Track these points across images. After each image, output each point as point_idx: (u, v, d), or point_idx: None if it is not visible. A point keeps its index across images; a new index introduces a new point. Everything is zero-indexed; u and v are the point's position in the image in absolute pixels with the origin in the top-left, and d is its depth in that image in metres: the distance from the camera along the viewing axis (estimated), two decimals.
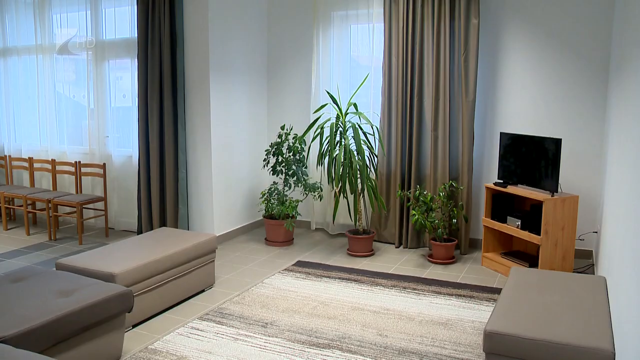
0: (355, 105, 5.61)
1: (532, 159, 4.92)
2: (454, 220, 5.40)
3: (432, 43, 5.53)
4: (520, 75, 5.46)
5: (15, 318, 2.87)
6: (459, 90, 5.49)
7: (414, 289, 4.62)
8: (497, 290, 4.54)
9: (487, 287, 4.64)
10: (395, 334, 3.76)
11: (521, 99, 5.48)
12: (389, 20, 5.72)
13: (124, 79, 6.77)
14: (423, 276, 4.96)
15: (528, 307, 3.06)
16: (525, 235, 4.81)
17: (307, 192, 6.03)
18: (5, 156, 7.38)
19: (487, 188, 5.24)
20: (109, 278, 3.67)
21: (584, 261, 5.29)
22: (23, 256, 5.66)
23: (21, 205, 6.76)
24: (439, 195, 5.41)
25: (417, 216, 5.31)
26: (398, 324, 3.94)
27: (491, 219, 5.21)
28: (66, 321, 2.99)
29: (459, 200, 5.54)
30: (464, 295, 4.45)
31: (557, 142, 4.66)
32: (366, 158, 5.61)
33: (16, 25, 7.29)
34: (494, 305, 4.15)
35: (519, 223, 4.91)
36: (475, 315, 4.07)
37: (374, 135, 5.79)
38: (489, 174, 5.66)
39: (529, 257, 5.06)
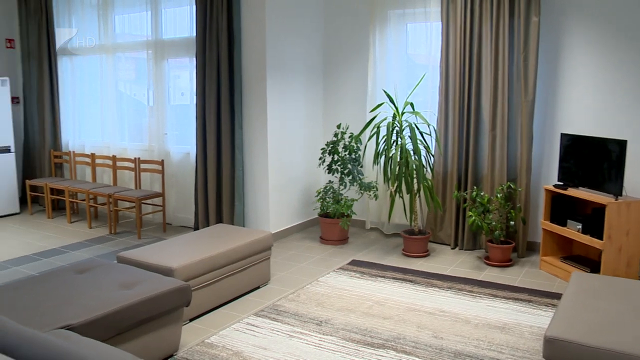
0: (412, 105, 5.57)
1: (595, 161, 4.78)
2: (512, 223, 5.30)
3: (490, 42, 5.44)
4: (583, 75, 5.30)
5: (81, 307, 2.97)
6: (517, 90, 5.38)
7: (470, 291, 4.56)
8: (557, 295, 4.43)
9: (546, 292, 4.53)
10: (450, 337, 3.72)
11: (583, 99, 5.32)
12: (447, 18, 5.66)
13: (183, 77, 6.91)
14: (479, 278, 4.89)
15: (591, 314, 2.97)
16: (587, 239, 4.68)
17: (362, 191, 6.03)
18: (70, 152, 7.65)
19: (547, 190, 5.12)
20: (167, 272, 3.76)
21: None
22: (85, 248, 5.85)
23: (84, 200, 6.98)
24: (497, 196, 5.32)
25: (473, 217, 5.24)
26: (454, 326, 3.89)
27: (550, 222, 5.09)
28: (128, 312, 3.08)
29: (517, 202, 5.43)
30: (521, 299, 4.36)
31: (621, 144, 4.52)
32: (422, 158, 5.56)
33: (82, 26, 7.53)
34: (553, 311, 4.07)
35: (580, 227, 4.78)
36: (534, 320, 3.98)
37: (430, 134, 5.74)
38: (548, 175, 5.53)
39: (590, 262, 4.92)
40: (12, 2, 7.89)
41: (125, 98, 7.52)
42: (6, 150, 7.39)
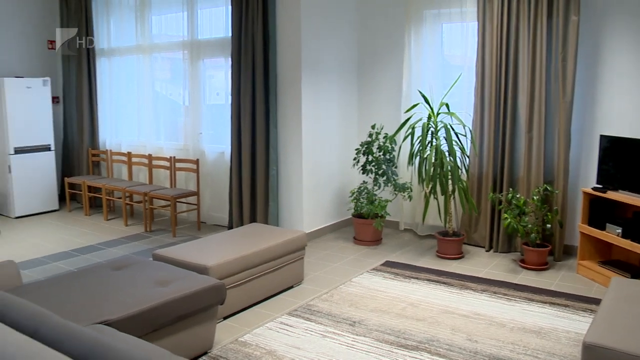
0: (447, 105, 5.52)
1: (636, 163, 4.67)
2: (548, 225, 5.21)
3: (527, 42, 5.36)
4: (623, 76, 5.18)
5: (118, 304, 3.02)
6: (555, 91, 5.30)
7: (505, 294, 4.50)
8: (595, 301, 4.34)
9: (584, 297, 4.45)
10: (485, 340, 3.68)
11: (624, 100, 5.20)
12: (483, 18, 5.60)
13: (218, 77, 6.98)
14: (514, 282, 4.82)
15: (631, 320, 2.90)
16: (627, 244, 4.57)
17: (396, 192, 6.01)
18: (107, 151, 7.79)
19: (585, 193, 5.02)
20: (202, 270, 3.79)
21: None
22: (121, 245, 5.94)
23: (120, 198, 7.10)
24: (533, 198, 5.24)
25: (509, 220, 5.17)
26: (488, 329, 3.85)
27: (588, 225, 4.99)
28: (164, 309, 3.12)
29: (554, 204, 5.34)
30: (558, 304, 4.29)
31: None
32: (457, 159, 5.51)
33: (120, 27, 7.67)
34: (591, 317, 4.00)
35: (620, 231, 4.68)
36: (571, 325, 3.91)
37: (465, 136, 5.68)
38: (587, 178, 5.42)
39: (630, 267, 4.80)
40: (54, 4, 8.07)
41: (161, 98, 7.62)
42: (46, 148, 7.55)
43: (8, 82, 7.12)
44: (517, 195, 5.31)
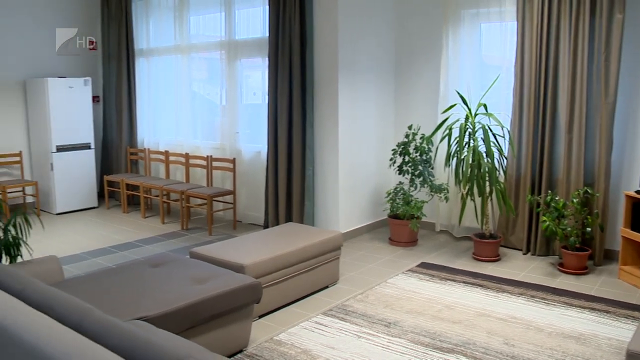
0: (485, 106, 5.46)
1: None
2: (588, 229, 5.10)
3: (568, 41, 5.25)
4: None
5: (157, 300, 3.06)
6: (597, 92, 5.18)
7: (543, 298, 4.42)
8: (638, 307, 4.23)
9: (626, 303, 4.34)
10: (522, 344, 3.62)
11: None
12: (522, 18, 5.51)
13: (255, 77, 7.02)
14: (553, 286, 4.73)
15: None
16: None
17: (432, 193, 5.96)
18: (145, 149, 7.90)
19: (627, 196, 4.90)
20: (239, 269, 3.81)
21: None
22: (158, 243, 6.02)
23: (157, 196, 7.19)
24: (572, 201, 5.14)
25: (547, 222, 5.08)
26: (526, 333, 3.79)
27: (631, 229, 4.87)
28: (201, 307, 3.15)
29: (594, 207, 5.22)
30: (598, 310, 4.19)
31: None
32: (495, 160, 5.43)
33: (159, 27, 7.77)
34: (635, 324, 3.91)
35: None
36: (612, 332, 3.82)
37: (503, 137, 5.60)
38: (629, 181, 5.29)
39: None
40: (95, 6, 8.23)
41: (198, 97, 7.70)
42: (86, 147, 7.70)
43: (52, 82, 7.29)
44: (556, 198, 5.22)
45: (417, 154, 5.95)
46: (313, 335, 3.76)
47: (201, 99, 7.74)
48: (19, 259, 3.67)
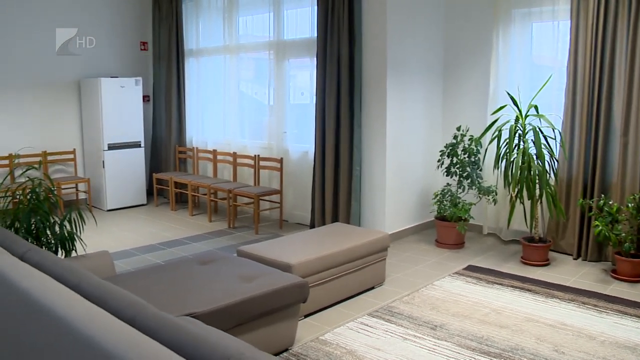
0: (536, 108, 5.35)
1: None
2: None
3: (626, 41, 5.10)
4: None
5: (205, 297, 3.10)
6: None
7: (595, 305, 4.30)
8: None
9: None
10: (573, 352, 3.53)
11: None
12: (577, 17, 5.37)
13: (302, 77, 7.04)
14: (605, 293, 4.60)
15: None
16: None
17: (480, 196, 5.87)
18: (193, 148, 8.02)
19: None
20: (286, 268, 3.83)
21: None
22: (206, 241, 6.10)
23: (205, 194, 7.29)
24: (627, 206, 4.99)
25: (600, 227, 4.94)
26: (576, 341, 3.69)
27: None
28: (248, 305, 3.17)
29: None
30: None
31: None
32: (546, 163, 5.32)
33: (208, 28, 7.88)
34: None
35: None
36: None
37: (555, 139, 5.47)
38: None
39: None
40: (147, 7, 8.40)
41: (246, 97, 7.78)
42: (137, 145, 7.86)
43: (104, 82, 7.47)
44: (610, 202, 5.07)
45: (466, 156, 5.87)
46: (358, 336, 3.75)
47: (249, 98, 7.81)
48: (73, 254, 3.77)
